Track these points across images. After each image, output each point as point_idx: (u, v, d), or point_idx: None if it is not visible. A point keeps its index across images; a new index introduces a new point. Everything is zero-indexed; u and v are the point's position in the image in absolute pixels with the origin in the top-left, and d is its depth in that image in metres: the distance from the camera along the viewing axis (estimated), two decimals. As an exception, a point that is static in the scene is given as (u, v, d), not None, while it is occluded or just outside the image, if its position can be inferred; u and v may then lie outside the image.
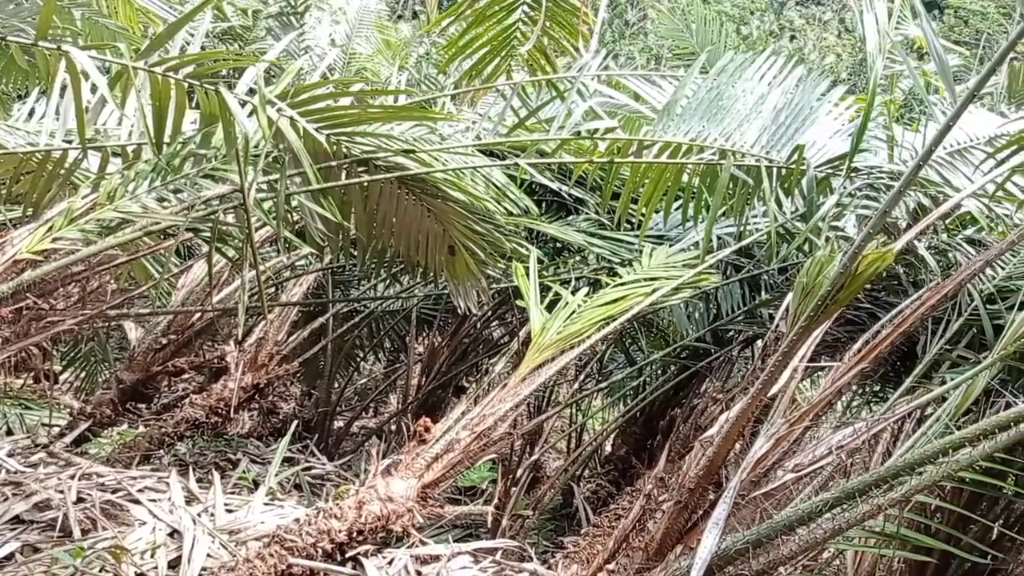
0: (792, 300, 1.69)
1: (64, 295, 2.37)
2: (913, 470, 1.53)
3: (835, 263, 1.59)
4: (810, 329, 1.67)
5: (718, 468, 1.80)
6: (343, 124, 2.40)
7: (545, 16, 2.72)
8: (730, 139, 2.96)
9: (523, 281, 2.65)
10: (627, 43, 27.55)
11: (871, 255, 1.57)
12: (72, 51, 1.98)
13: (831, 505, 1.54)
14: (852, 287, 1.59)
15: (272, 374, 3.65)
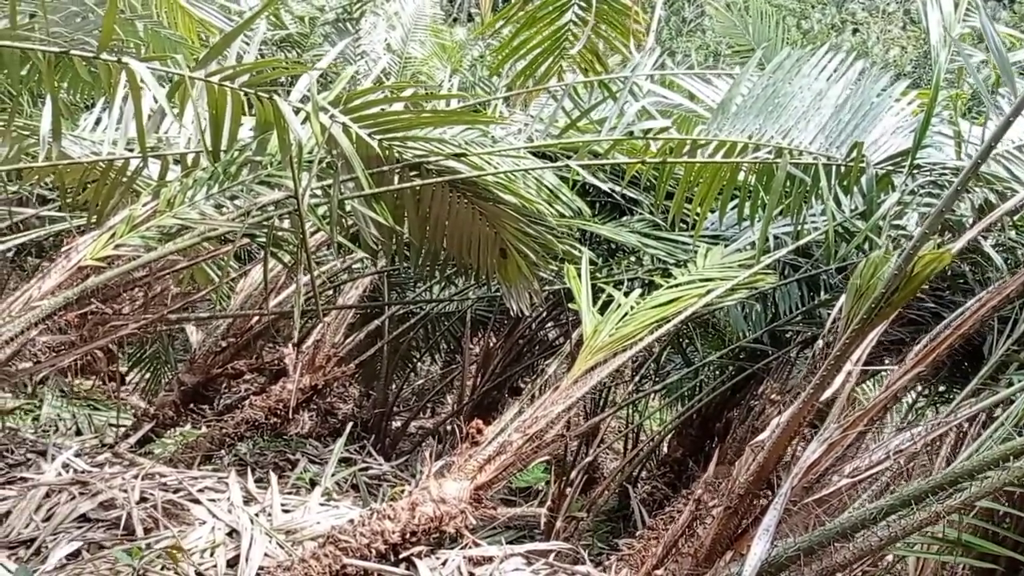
0: (845, 302, 1.65)
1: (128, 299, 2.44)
2: (973, 477, 1.48)
3: (890, 264, 1.55)
4: (864, 332, 1.63)
5: (769, 473, 1.77)
6: (395, 129, 2.42)
7: (596, 17, 2.71)
8: (787, 136, 2.91)
9: (575, 283, 2.64)
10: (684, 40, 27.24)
11: (927, 256, 1.52)
12: (132, 63, 2.04)
13: (886, 512, 1.50)
14: (908, 289, 1.54)
15: (329, 376, 3.69)
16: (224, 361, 3.12)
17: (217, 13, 2.74)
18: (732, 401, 3.34)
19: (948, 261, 1.59)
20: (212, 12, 2.76)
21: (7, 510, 2.18)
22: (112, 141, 2.16)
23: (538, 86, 2.87)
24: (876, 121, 3.02)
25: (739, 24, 5.90)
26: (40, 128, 2.18)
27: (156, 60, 2.10)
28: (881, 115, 3.03)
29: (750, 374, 3.30)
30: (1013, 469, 1.46)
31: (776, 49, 5.73)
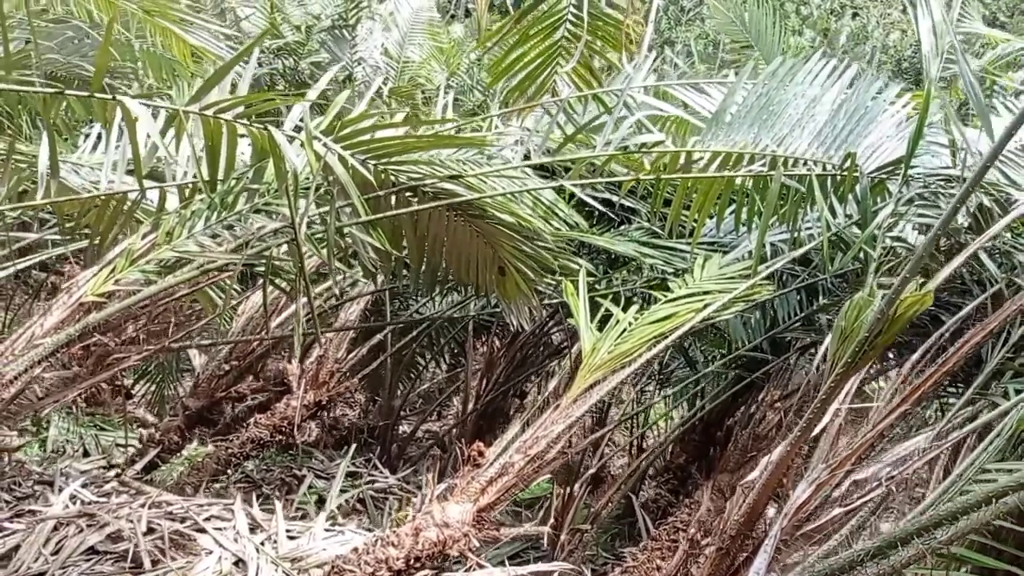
0: (831, 344, 1.66)
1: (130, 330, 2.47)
2: (956, 519, 1.49)
3: (873, 307, 1.56)
4: (849, 374, 1.64)
5: (760, 512, 1.78)
6: (389, 154, 2.44)
7: (588, 32, 2.71)
8: (782, 144, 2.92)
9: (573, 300, 2.65)
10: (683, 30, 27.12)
11: (909, 299, 1.53)
12: (126, 101, 2.05)
13: (872, 555, 1.51)
14: (891, 331, 1.55)
15: (333, 391, 3.71)
16: (227, 385, 3.14)
17: (210, 39, 2.75)
18: (733, 407, 3.35)
19: (930, 302, 1.60)
20: (206, 39, 2.77)
21: (16, 544, 2.21)
22: (111, 168, 2.17)
23: (532, 102, 2.87)
24: (871, 125, 3.02)
25: (735, 18, 5.90)
26: (39, 162, 2.19)
27: (150, 97, 2.11)
28: (876, 119, 3.03)
29: (751, 380, 3.32)
30: (991, 510, 1.46)
31: (773, 43, 5.73)
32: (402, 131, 2.61)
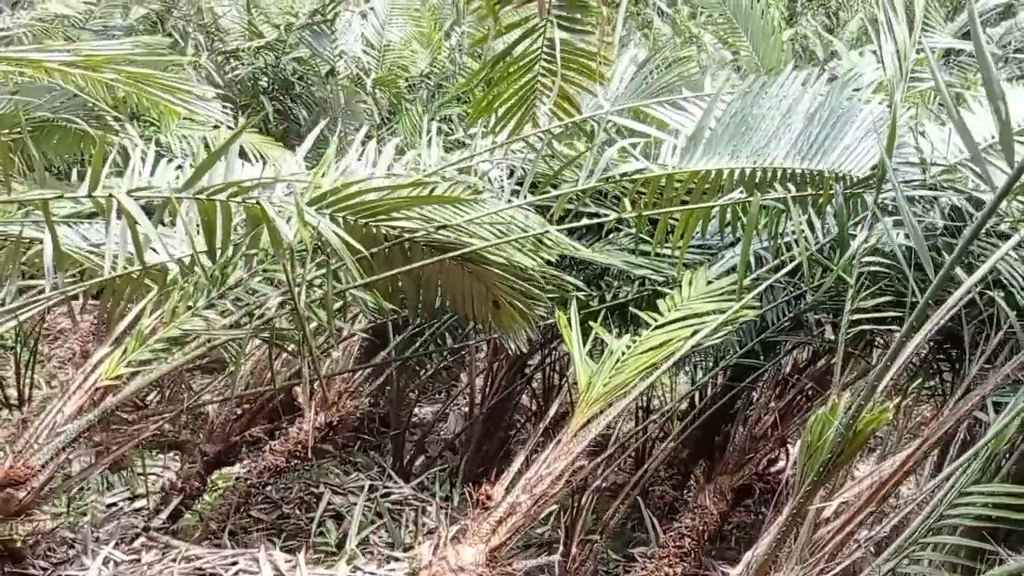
0: (798, 457, 1.77)
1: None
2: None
3: (836, 425, 1.66)
4: (819, 485, 1.74)
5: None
6: (379, 212, 2.52)
7: (562, 66, 2.76)
8: (760, 156, 2.99)
9: (566, 332, 2.75)
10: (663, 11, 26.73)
11: (867, 417, 1.63)
12: (121, 197, 2.13)
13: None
14: (854, 446, 1.65)
15: (343, 411, 3.83)
16: (242, 428, 3.26)
17: (202, 104, 2.82)
18: (730, 408, 3.46)
19: (889, 418, 1.70)
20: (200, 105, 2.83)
21: (60, 614, 2.35)
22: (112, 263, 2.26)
23: (512, 137, 2.94)
24: (847, 127, 3.08)
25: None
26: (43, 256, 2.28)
27: (145, 190, 2.19)
28: (852, 120, 3.09)
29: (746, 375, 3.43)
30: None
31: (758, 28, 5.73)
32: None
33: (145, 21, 7.44)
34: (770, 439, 3.22)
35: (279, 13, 7.37)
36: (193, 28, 7.49)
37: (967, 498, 2.02)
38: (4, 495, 2.11)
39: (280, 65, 7.16)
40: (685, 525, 3.05)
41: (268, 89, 7.29)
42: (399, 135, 7.39)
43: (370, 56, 7.19)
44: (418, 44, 7.86)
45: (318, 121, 7.39)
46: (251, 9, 7.22)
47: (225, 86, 7.10)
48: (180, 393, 2.67)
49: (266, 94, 7.25)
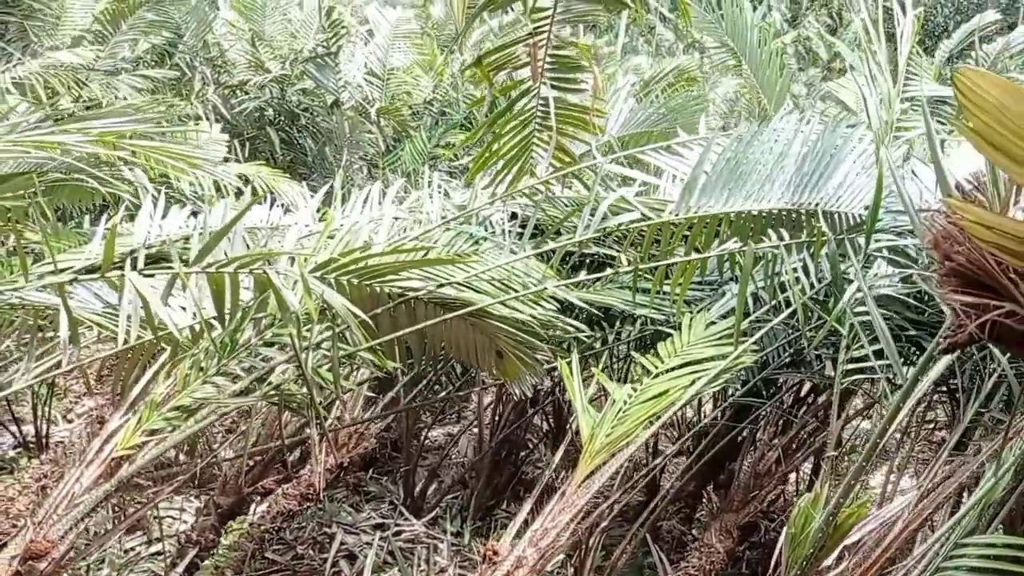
0: (783, 548, 1.82)
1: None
2: None
3: (817, 520, 1.71)
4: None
5: None
6: (382, 274, 2.59)
7: (557, 121, 2.83)
8: (754, 199, 3.05)
9: (568, 381, 2.81)
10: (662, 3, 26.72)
11: (847, 512, 1.69)
12: (132, 277, 2.21)
13: None
14: (835, 538, 1.71)
15: (353, 453, 3.90)
16: (254, 479, 3.34)
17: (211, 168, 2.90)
18: (735, 441, 3.51)
19: (866, 513, 1.75)
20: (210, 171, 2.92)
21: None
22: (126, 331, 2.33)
23: (511, 188, 3.01)
24: (840, 166, 3.13)
25: (712, 18, 5.93)
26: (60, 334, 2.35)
27: (158, 269, 2.26)
28: (844, 159, 3.14)
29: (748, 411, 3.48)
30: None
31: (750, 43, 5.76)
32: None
33: (152, 52, 7.55)
34: (774, 475, 3.27)
35: (284, 45, 7.49)
36: (200, 61, 7.59)
37: (963, 550, 2.07)
38: (26, 568, 2.19)
39: (286, 97, 7.27)
40: (692, 564, 3.10)
41: (274, 120, 7.40)
42: (403, 161, 7.49)
43: (373, 85, 7.28)
44: (420, 70, 7.95)
45: (324, 151, 7.53)
46: (256, 43, 7.33)
47: (232, 118, 7.21)
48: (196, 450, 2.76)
49: (272, 125, 7.36)
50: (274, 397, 2.49)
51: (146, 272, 2.26)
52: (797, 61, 19.02)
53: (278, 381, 2.51)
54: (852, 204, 3.03)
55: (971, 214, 1.18)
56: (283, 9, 7.71)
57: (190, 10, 7.23)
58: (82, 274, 3.39)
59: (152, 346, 2.58)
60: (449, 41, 10.52)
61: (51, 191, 3.78)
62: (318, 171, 7.47)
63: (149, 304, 2.27)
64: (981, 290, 1.28)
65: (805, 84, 16.62)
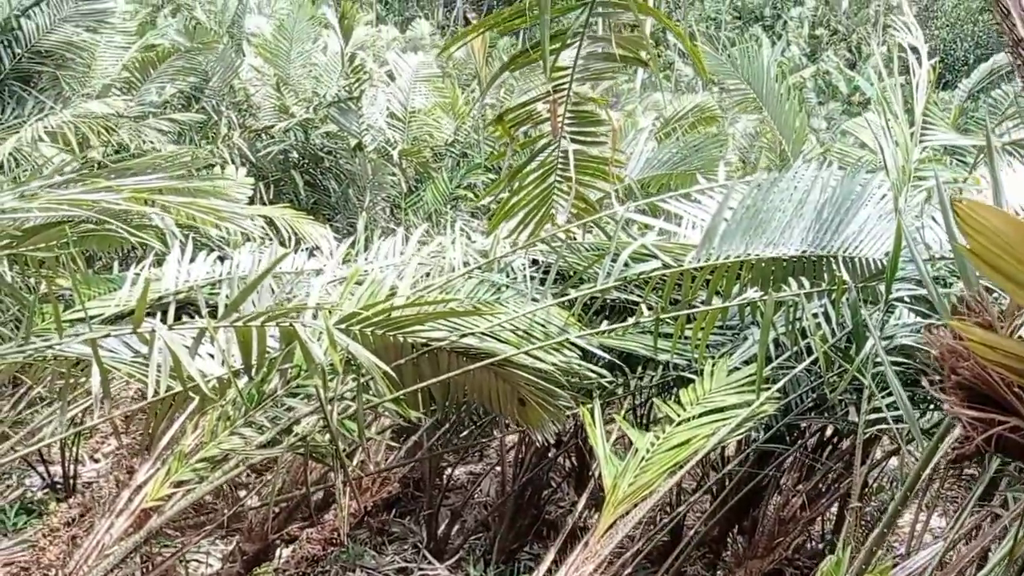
0: None
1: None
2: None
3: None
4: None
5: None
6: (406, 325, 2.63)
7: (577, 171, 2.88)
8: (773, 247, 3.07)
9: (591, 429, 2.83)
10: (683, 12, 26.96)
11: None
12: (160, 331, 2.26)
13: None
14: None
15: (377, 496, 3.92)
16: (279, 526, 3.37)
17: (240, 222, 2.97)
18: (759, 489, 3.50)
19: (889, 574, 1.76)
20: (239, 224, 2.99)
21: None
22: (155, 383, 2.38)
23: (532, 237, 3.05)
24: (858, 213, 3.14)
25: (726, 62, 6.00)
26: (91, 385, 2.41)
27: (186, 327, 2.31)
28: (863, 205, 3.16)
29: (772, 457, 3.47)
30: None
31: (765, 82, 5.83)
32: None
33: (179, 96, 7.70)
34: (799, 521, 3.25)
35: (308, 89, 7.63)
36: (226, 105, 7.75)
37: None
38: (59, 619, 2.23)
39: (310, 140, 7.39)
40: (716, 613, 3.08)
41: (298, 163, 7.52)
42: (425, 202, 7.58)
43: (396, 128, 7.39)
44: (442, 111, 8.07)
45: (347, 193, 7.63)
46: (281, 88, 7.47)
47: (257, 161, 7.34)
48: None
49: (296, 168, 7.48)
50: (300, 447, 2.53)
51: (175, 327, 2.31)
52: (817, 95, 19.07)
53: (303, 431, 2.55)
54: (872, 250, 3.04)
55: (974, 335, 1.22)
56: (307, 54, 7.86)
57: (217, 56, 7.39)
58: (112, 321, 3.48)
59: (181, 397, 2.62)
60: (470, 79, 10.69)
61: (81, 240, 3.87)
62: (342, 212, 7.56)
63: (179, 358, 2.33)
64: (987, 404, 1.32)
65: (825, 118, 16.65)
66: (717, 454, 4.02)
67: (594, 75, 2.51)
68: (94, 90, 6.90)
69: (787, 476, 3.32)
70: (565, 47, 2.24)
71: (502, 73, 2.47)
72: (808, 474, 3.35)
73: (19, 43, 6.11)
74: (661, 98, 11.78)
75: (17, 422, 3.80)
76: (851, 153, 5.75)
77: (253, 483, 3.60)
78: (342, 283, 3.36)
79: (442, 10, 25.18)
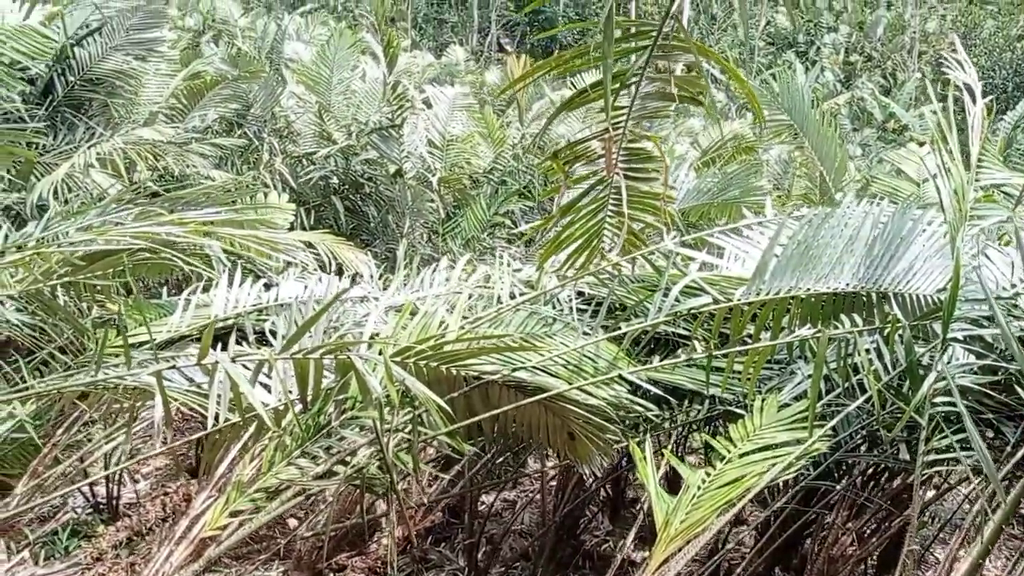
0: None
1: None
2: None
3: None
4: None
5: None
6: (459, 359, 2.66)
7: (629, 206, 2.90)
8: (823, 282, 3.06)
9: (641, 465, 2.83)
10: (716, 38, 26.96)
11: None
12: (226, 365, 2.31)
13: None
14: None
15: (419, 525, 3.94)
16: (328, 555, 3.39)
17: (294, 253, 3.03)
18: (806, 525, 3.47)
19: None
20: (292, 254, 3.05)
21: None
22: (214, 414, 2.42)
23: (581, 272, 3.07)
24: (910, 249, 3.13)
25: (763, 90, 6.00)
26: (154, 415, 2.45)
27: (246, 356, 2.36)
28: (915, 241, 3.14)
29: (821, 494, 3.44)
30: None
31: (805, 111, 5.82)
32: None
33: (221, 122, 7.84)
34: (848, 560, 3.22)
35: (348, 116, 7.74)
36: (268, 132, 7.87)
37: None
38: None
39: (350, 166, 7.49)
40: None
41: (339, 189, 7.62)
42: (463, 229, 7.65)
43: (435, 156, 7.47)
44: (480, 138, 8.14)
45: (386, 219, 7.70)
46: (323, 115, 7.59)
47: (298, 187, 7.44)
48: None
49: (337, 194, 7.58)
50: (355, 479, 2.55)
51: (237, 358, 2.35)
52: (851, 121, 18.99)
53: (358, 462, 2.58)
54: (924, 286, 3.02)
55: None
56: (347, 81, 7.98)
57: (260, 84, 7.52)
58: (163, 346, 3.54)
59: (237, 427, 2.66)
60: (505, 105, 10.78)
61: (136, 267, 3.95)
62: (380, 238, 7.64)
63: (239, 388, 2.37)
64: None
65: (860, 145, 16.56)
66: (764, 489, 3.99)
67: (650, 113, 2.54)
68: (141, 116, 7.05)
69: (835, 513, 3.29)
70: (625, 87, 2.27)
71: (560, 113, 2.50)
72: (857, 512, 3.32)
73: (72, 71, 6.25)
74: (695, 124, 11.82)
75: (70, 445, 3.87)
76: (893, 184, 5.73)
77: (304, 511, 3.63)
78: (388, 312, 3.41)
79: (476, 36, 25.42)
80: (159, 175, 6.72)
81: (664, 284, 2.98)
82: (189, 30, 13.89)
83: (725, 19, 24.84)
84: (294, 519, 3.70)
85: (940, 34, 23.05)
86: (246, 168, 7.71)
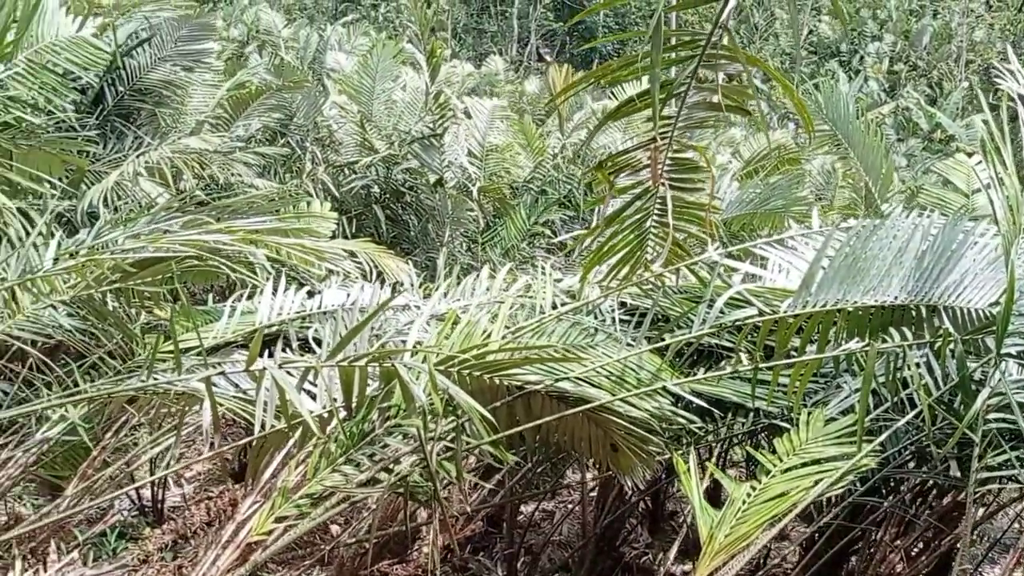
0: None
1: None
2: None
3: None
4: None
5: None
6: (502, 369, 2.66)
7: (674, 217, 2.88)
8: (872, 295, 3.02)
9: (685, 479, 2.80)
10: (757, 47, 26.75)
11: None
12: (271, 370, 2.34)
13: None
14: None
15: (460, 534, 3.94)
16: (370, 563, 3.41)
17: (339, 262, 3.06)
18: (852, 542, 3.41)
19: None
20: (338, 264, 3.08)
21: None
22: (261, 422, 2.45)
23: (625, 283, 3.06)
24: (959, 260, 3.07)
25: (807, 100, 5.95)
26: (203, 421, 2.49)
27: (293, 363, 2.38)
28: (965, 254, 3.08)
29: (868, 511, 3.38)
30: None
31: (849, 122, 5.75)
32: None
33: (264, 131, 7.94)
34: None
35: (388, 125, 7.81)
36: (310, 141, 7.97)
37: None
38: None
39: (391, 175, 7.55)
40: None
41: (380, 198, 7.68)
42: (502, 238, 7.67)
43: (475, 166, 7.50)
44: (519, 147, 8.17)
45: (427, 228, 7.74)
46: (364, 124, 7.66)
47: (340, 196, 7.52)
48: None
49: (378, 203, 7.64)
50: (399, 487, 2.56)
51: (284, 365, 2.38)
52: (896, 131, 18.73)
53: (402, 470, 2.59)
54: (976, 300, 2.97)
55: None
56: (388, 92, 8.05)
57: (303, 94, 7.62)
58: (210, 352, 3.58)
59: (282, 433, 2.69)
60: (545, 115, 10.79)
61: (184, 274, 4.02)
62: (420, 247, 7.68)
63: (286, 394, 2.39)
64: None
65: (905, 155, 16.31)
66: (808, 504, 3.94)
67: (696, 123, 2.53)
68: (187, 126, 7.18)
69: (883, 530, 3.23)
70: (672, 97, 2.26)
71: (605, 123, 2.50)
72: (905, 529, 3.26)
73: (122, 81, 6.38)
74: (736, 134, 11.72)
75: (117, 449, 3.94)
76: (941, 195, 5.63)
77: (345, 518, 3.65)
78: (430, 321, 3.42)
79: (515, 46, 25.49)
80: (205, 184, 6.82)
81: (708, 295, 2.96)
82: (233, 40, 14.13)
83: (767, 28, 24.65)
84: (336, 525, 3.72)
85: (988, 43, 22.68)
86: (289, 177, 7.80)
